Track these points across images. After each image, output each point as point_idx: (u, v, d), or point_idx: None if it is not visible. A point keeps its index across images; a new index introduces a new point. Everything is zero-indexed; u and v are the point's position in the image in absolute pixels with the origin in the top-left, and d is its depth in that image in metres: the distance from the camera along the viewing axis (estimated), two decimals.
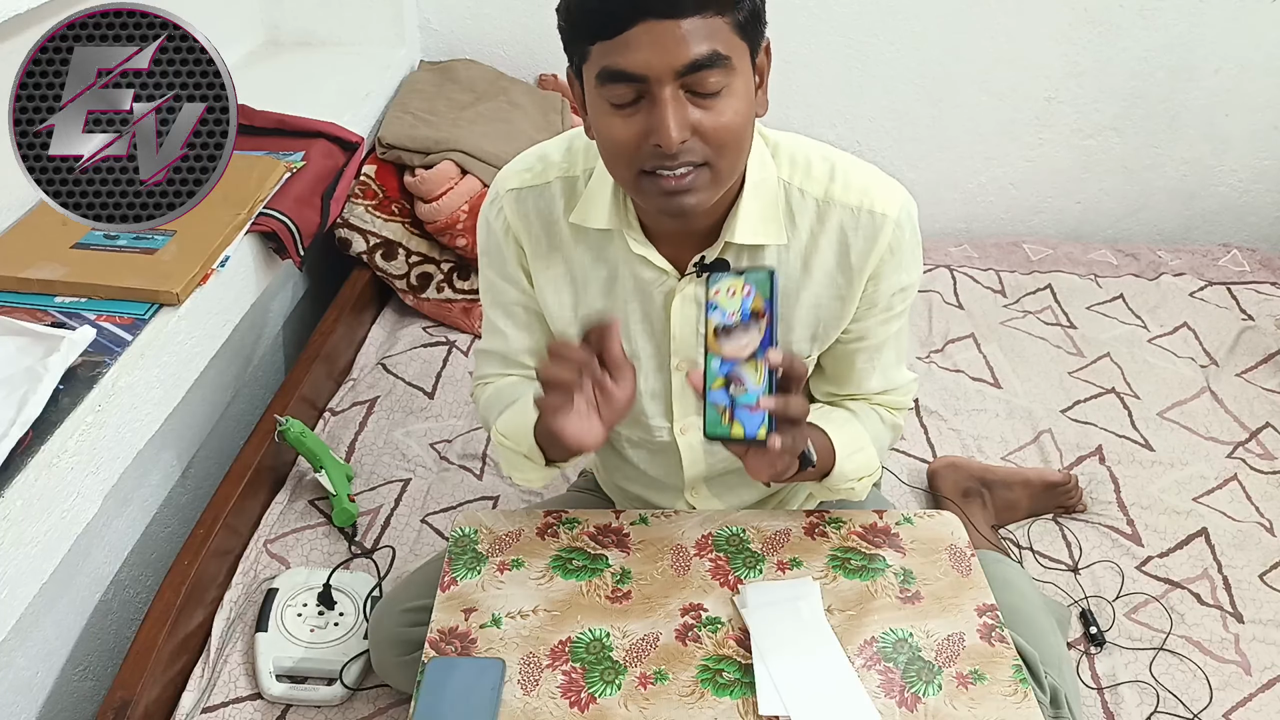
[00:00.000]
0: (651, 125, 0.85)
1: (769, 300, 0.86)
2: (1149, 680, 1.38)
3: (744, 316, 0.87)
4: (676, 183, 0.88)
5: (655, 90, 0.84)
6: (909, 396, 1.16)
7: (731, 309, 0.87)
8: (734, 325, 0.88)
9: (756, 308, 0.87)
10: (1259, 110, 2.44)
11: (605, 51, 0.84)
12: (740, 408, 0.89)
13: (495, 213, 1.07)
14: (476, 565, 1.07)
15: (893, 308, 1.06)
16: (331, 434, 1.77)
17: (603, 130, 0.89)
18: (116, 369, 1.14)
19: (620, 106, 0.87)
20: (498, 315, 1.14)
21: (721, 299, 0.88)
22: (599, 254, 1.04)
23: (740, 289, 0.87)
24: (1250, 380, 1.99)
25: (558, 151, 1.05)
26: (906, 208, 1.01)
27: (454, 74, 2.25)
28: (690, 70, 0.84)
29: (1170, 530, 1.62)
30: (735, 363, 0.88)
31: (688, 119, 0.85)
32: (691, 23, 0.82)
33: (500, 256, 1.09)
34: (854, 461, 1.07)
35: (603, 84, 0.86)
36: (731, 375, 0.89)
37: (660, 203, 0.90)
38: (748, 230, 0.98)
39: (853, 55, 2.35)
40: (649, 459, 1.19)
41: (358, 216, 1.97)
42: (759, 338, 0.87)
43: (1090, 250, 2.44)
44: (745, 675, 0.95)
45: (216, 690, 1.31)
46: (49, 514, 1.02)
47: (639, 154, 0.87)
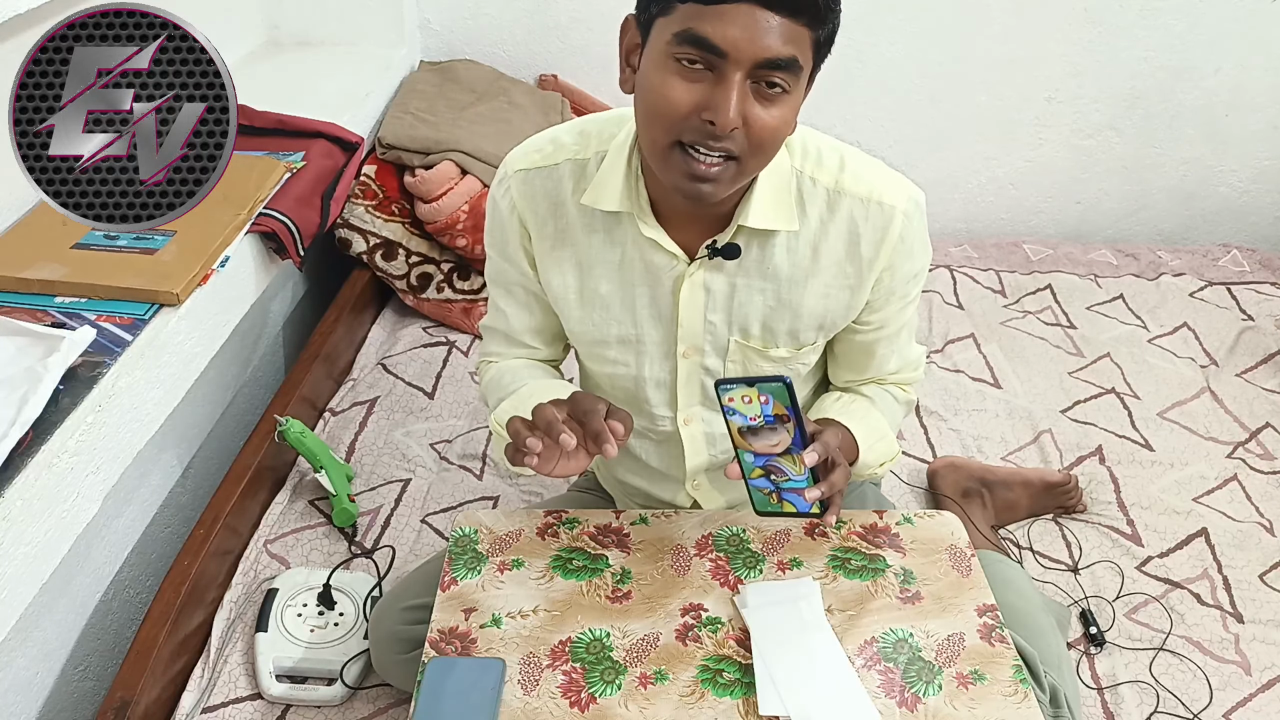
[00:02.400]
0: (712, 101, 0.85)
1: (790, 407, 0.88)
2: (1149, 680, 1.38)
3: (767, 420, 0.90)
4: (706, 168, 0.89)
5: (729, 71, 0.85)
6: (920, 370, 1.19)
7: (752, 414, 0.90)
8: (759, 426, 0.90)
9: (779, 412, 0.89)
10: (1259, 110, 2.44)
11: (695, 14, 0.84)
12: (787, 491, 0.94)
13: (502, 192, 1.07)
14: (476, 565, 1.07)
15: (909, 294, 1.08)
16: (331, 434, 1.77)
17: (657, 87, 0.88)
18: (116, 369, 1.14)
19: (686, 69, 0.86)
20: (499, 294, 1.15)
21: (738, 405, 0.90)
22: (608, 237, 1.05)
23: (756, 397, 0.89)
24: (1250, 380, 1.99)
25: (569, 135, 1.06)
26: (915, 198, 1.02)
27: (454, 74, 2.25)
28: (769, 66, 0.85)
29: (1170, 530, 1.62)
30: (769, 456, 0.92)
31: (744, 108, 0.86)
32: (785, 22, 0.83)
33: (503, 236, 1.09)
34: (875, 451, 1.10)
35: (679, 43, 0.85)
36: (769, 466, 0.93)
37: (681, 182, 0.91)
38: (760, 215, 0.98)
39: (853, 55, 2.35)
40: (652, 449, 1.19)
41: (358, 216, 1.97)
42: (788, 438, 0.90)
43: (1090, 250, 2.44)
44: (745, 675, 0.95)
45: (216, 690, 1.31)
46: (49, 514, 1.02)
47: (685, 123, 0.87)
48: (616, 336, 1.09)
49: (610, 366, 1.12)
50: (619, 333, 1.09)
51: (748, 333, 1.06)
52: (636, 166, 1.00)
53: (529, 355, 1.19)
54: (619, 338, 1.09)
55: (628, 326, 1.08)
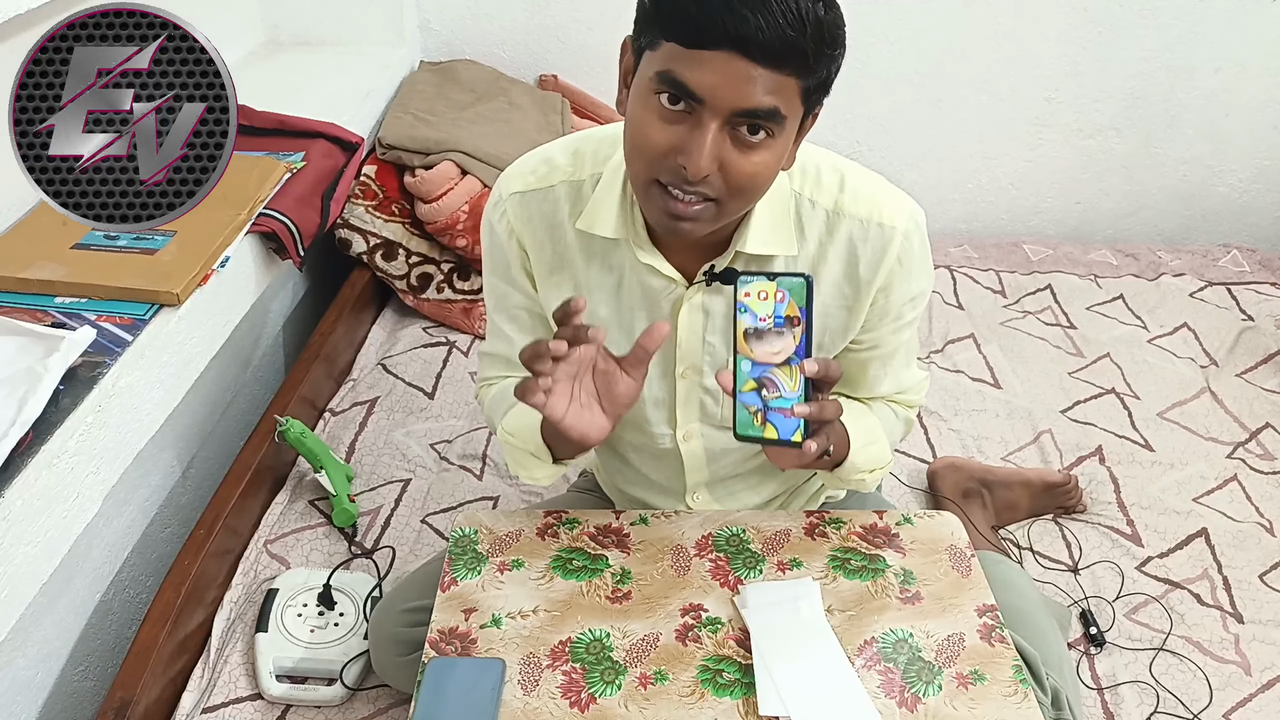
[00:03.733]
0: (686, 145, 0.84)
1: (804, 308, 0.85)
2: (1149, 680, 1.38)
3: (777, 322, 0.86)
4: (683, 208, 0.87)
5: (705, 117, 0.83)
6: (920, 395, 1.17)
7: (763, 313, 0.87)
8: (766, 329, 0.87)
9: (791, 314, 0.86)
10: (1259, 110, 2.44)
11: (677, 56, 0.82)
12: (773, 411, 0.89)
13: (499, 215, 1.06)
14: (476, 565, 1.07)
15: (903, 316, 1.05)
16: (331, 434, 1.77)
17: (638, 124, 0.87)
18: (116, 369, 1.13)
19: (665, 109, 0.85)
20: (502, 319, 1.13)
21: (752, 302, 0.87)
22: (605, 261, 1.04)
23: (773, 293, 0.86)
24: (1250, 380, 1.99)
25: (563, 155, 1.04)
26: (915, 218, 1.01)
27: (454, 74, 2.25)
28: (746, 116, 0.83)
29: (1170, 530, 1.62)
30: (767, 366, 0.88)
31: (720, 154, 0.84)
32: (767, 73, 0.81)
33: (504, 260, 1.08)
34: (866, 454, 1.07)
35: (659, 83, 0.84)
36: (763, 379, 0.89)
37: (660, 219, 0.90)
38: (759, 240, 0.97)
39: (852, 55, 2.31)
40: (651, 463, 1.19)
41: (358, 217, 1.97)
42: (793, 344, 0.87)
43: (1090, 250, 2.44)
44: (745, 675, 0.95)
45: (216, 690, 1.31)
46: (49, 514, 1.02)
47: (662, 163, 0.86)
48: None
49: None
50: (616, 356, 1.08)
51: None
52: (631, 192, 0.99)
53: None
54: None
55: (625, 349, 1.07)
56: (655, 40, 0.84)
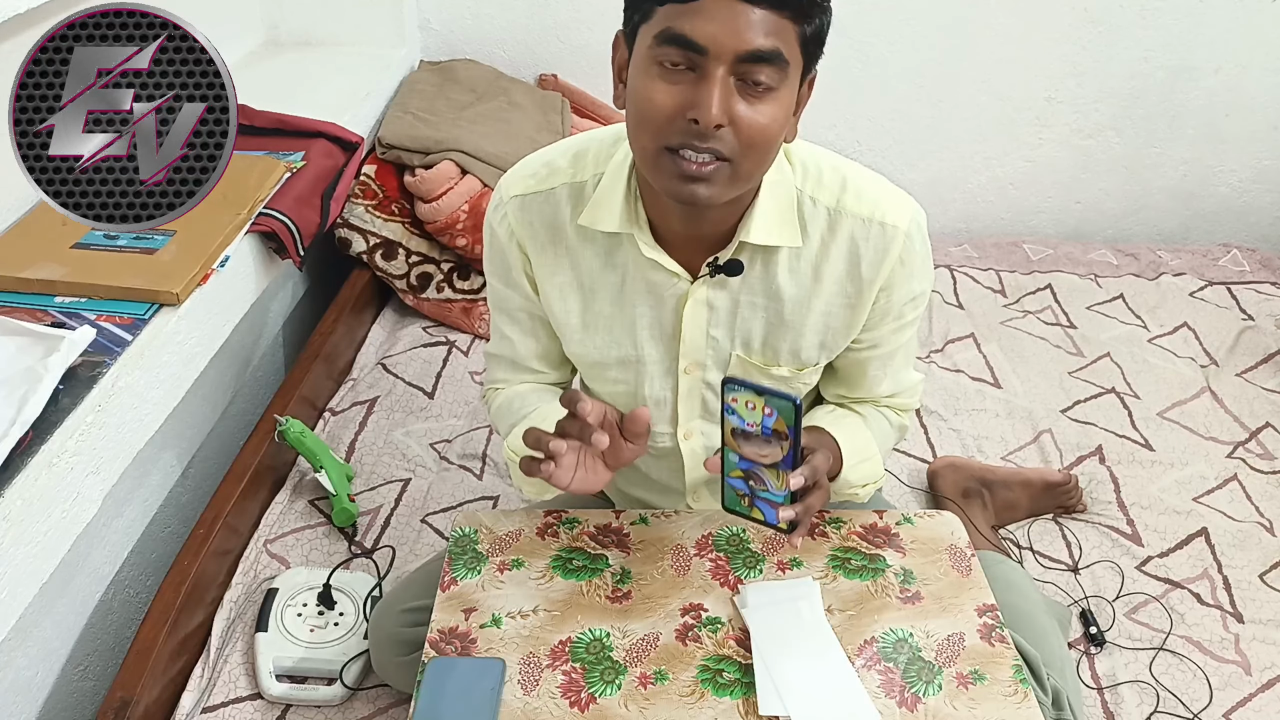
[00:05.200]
0: (695, 99, 0.84)
1: (792, 428, 0.87)
2: (1149, 680, 1.38)
3: (765, 431, 0.88)
4: (697, 169, 0.87)
5: (710, 66, 0.83)
6: (916, 397, 1.17)
7: (751, 420, 0.88)
8: (753, 434, 0.89)
9: (779, 429, 0.87)
10: (1259, 110, 2.44)
11: (673, 14, 0.83)
12: (761, 499, 0.92)
13: (499, 219, 1.06)
14: (476, 565, 1.07)
15: (904, 316, 1.06)
16: (331, 434, 1.77)
17: (642, 93, 0.87)
18: (116, 369, 1.14)
19: (669, 71, 0.85)
20: (504, 321, 1.14)
21: (740, 409, 0.88)
22: (608, 258, 1.04)
23: (760, 406, 0.87)
24: (1250, 380, 1.99)
25: (564, 158, 1.04)
26: (916, 219, 1.01)
27: (454, 74, 2.25)
28: (750, 59, 0.83)
29: (1170, 530, 1.62)
30: (755, 464, 0.90)
31: (730, 106, 0.85)
32: (764, 14, 0.82)
33: (504, 263, 1.08)
34: (859, 471, 1.07)
35: (660, 44, 0.85)
36: (751, 472, 0.91)
37: (673, 185, 0.89)
38: (763, 230, 0.97)
39: (853, 55, 2.36)
40: (651, 463, 1.19)
41: (358, 216, 1.97)
42: (780, 455, 0.88)
43: (1090, 250, 2.44)
44: (745, 675, 0.95)
45: (216, 690, 1.31)
46: (49, 514, 1.02)
47: (671, 126, 0.86)
48: (616, 358, 1.08)
49: (610, 385, 1.12)
50: (619, 355, 1.08)
51: (750, 348, 1.06)
52: (635, 187, 0.99)
53: (536, 380, 1.18)
54: (619, 359, 1.08)
55: (628, 348, 1.07)
56: (649, 10, 0.86)
